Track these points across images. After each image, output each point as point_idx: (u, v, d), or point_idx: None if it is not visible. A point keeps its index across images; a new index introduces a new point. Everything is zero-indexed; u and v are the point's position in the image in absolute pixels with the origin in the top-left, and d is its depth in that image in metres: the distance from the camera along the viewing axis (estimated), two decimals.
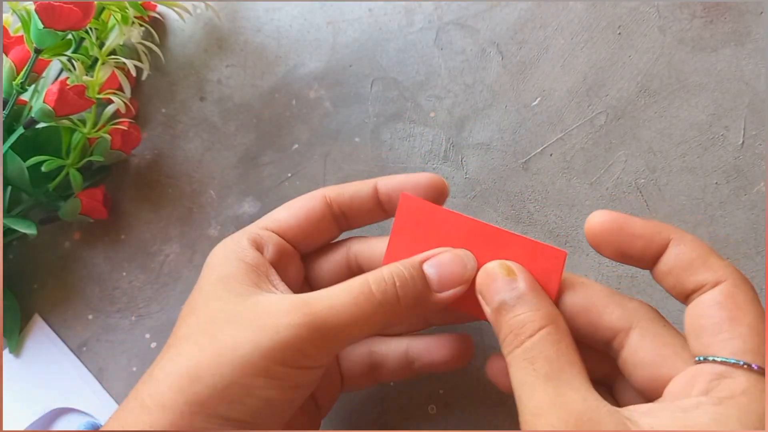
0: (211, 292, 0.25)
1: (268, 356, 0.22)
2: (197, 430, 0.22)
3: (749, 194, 0.31)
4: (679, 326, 0.24)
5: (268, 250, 0.27)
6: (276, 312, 0.23)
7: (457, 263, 0.25)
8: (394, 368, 0.29)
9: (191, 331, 0.24)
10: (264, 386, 0.22)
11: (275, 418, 0.24)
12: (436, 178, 0.27)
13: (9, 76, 0.34)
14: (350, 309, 0.23)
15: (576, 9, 0.35)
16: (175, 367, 0.23)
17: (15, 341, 0.38)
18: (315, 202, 0.28)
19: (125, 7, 0.36)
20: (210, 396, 0.22)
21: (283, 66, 0.38)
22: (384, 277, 0.24)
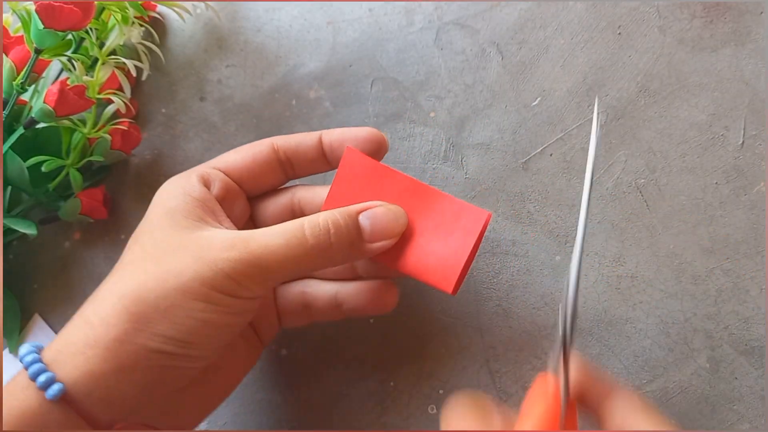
0: (156, 223, 0.27)
1: (207, 284, 0.24)
2: (139, 345, 0.23)
3: (749, 194, 0.31)
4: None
5: (214, 187, 0.29)
6: (217, 246, 0.25)
7: (390, 217, 0.27)
8: (324, 308, 0.31)
9: (136, 257, 0.26)
10: (203, 309, 0.24)
11: (213, 338, 0.25)
12: (375, 133, 0.29)
13: (9, 76, 0.34)
14: (283, 250, 0.25)
15: (576, 9, 0.35)
16: (120, 287, 0.25)
17: (15, 341, 0.38)
18: (262, 147, 0.30)
19: (125, 7, 0.36)
20: (153, 315, 0.24)
21: (283, 66, 0.38)
22: (319, 222, 0.26)
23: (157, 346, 0.24)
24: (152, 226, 0.27)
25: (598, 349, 0.31)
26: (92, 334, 0.24)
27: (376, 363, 0.33)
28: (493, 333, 0.32)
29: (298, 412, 0.34)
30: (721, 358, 0.30)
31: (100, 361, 0.23)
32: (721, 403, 0.30)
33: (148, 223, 0.27)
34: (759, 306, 0.30)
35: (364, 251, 0.27)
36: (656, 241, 0.31)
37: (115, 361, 0.23)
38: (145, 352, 0.24)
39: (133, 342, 0.24)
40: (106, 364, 0.23)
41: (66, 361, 0.24)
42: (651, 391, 0.30)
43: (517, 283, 0.33)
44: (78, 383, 0.23)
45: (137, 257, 0.26)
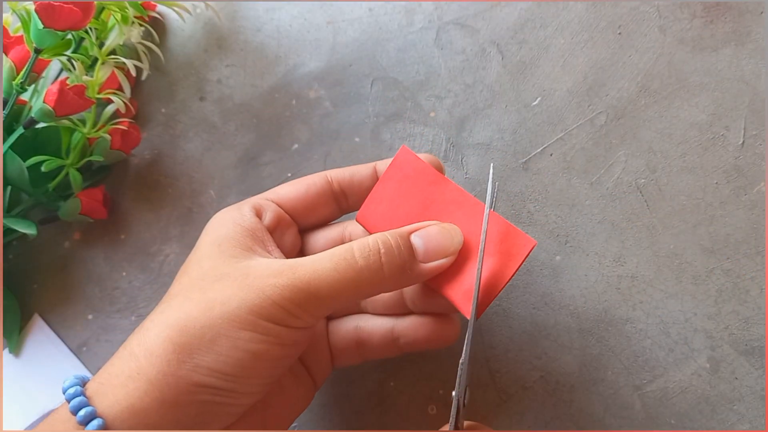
0: (205, 252, 0.26)
1: (254, 312, 0.23)
2: (183, 378, 0.22)
3: (749, 194, 0.31)
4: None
5: (266, 217, 0.28)
6: (263, 273, 0.24)
7: (444, 236, 0.26)
8: (380, 345, 0.30)
9: (183, 288, 0.25)
10: (250, 339, 0.23)
11: (260, 372, 0.24)
12: (431, 157, 0.29)
13: (9, 76, 0.34)
14: (332, 274, 0.24)
15: (576, 9, 0.35)
16: (165, 318, 0.24)
17: (15, 341, 0.38)
18: (316, 179, 0.29)
19: (125, 6, 0.36)
20: (198, 346, 0.23)
21: (283, 66, 0.38)
22: (369, 244, 0.25)
23: (202, 379, 0.23)
24: (200, 255, 0.26)
25: (598, 349, 0.31)
26: (135, 366, 0.23)
27: (376, 363, 0.33)
28: (494, 333, 0.32)
29: None
30: (722, 358, 0.30)
31: (142, 394, 0.22)
32: (722, 404, 0.29)
33: (196, 253, 0.27)
34: (759, 306, 0.30)
35: (418, 273, 0.26)
36: (656, 241, 0.31)
37: (158, 394, 0.22)
38: (189, 385, 0.22)
39: (176, 375, 0.22)
40: (148, 398, 0.22)
41: (107, 394, 0.23)
42: (651, 391, 0.30)
43: (517, 284, 0.33)
44: (118, 418, 0.22)
45: (184, 287, 0.25)
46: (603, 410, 0.30)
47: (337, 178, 0.29)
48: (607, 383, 0.31)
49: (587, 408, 0.31)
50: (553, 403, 0.31)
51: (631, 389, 0.30)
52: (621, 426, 0.30)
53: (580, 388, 0.31)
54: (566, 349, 0.31)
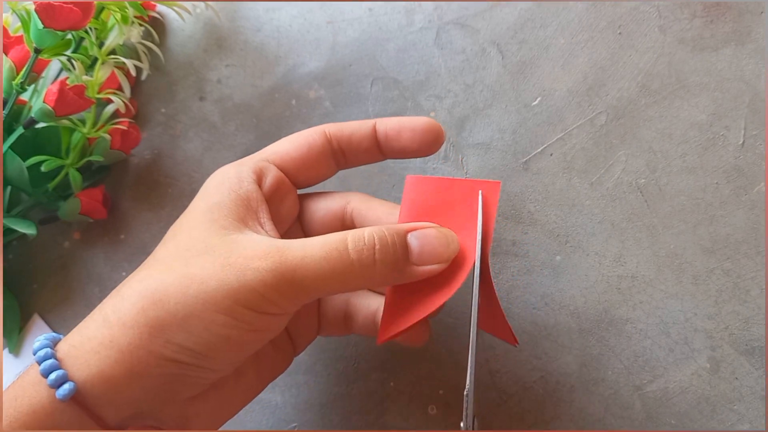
0: (196, 219, 0.25)
1: (231, 296, 0.22)
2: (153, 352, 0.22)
3: (749, 194, 0.31)
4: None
5: (266, 182, 0.27)
6: (249, 253, 0.23)
7: (441, 240, 0.25)
8: (364, 324, 0.29)
9: (167, 254, 0.25)
10: (223, 324, 0.22)
11: (232, 353, 0.24)
12: (433, 123, 0.28)
13: (9, 76, 0.34)
14: (321, 264, 0.23)
15: (576, 9, 0.35)
16: (142, 287, 0.23)
17: (15, 341, 0.37)
18: (316, 136, 0.28)
19: (125, 6, 0.36)
20: (170, 323, 0.22)
21: (283, 66, 0.38)
22: (364, 237, 0.24)
23: (172, 354, 0.22)
24: (190, 222, 0.25)
25: (599, 349, 0.31)
26: (108, 334, 0.23)
27: (376, 363, 0.33)
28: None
29: (298, 412, 0.34)
30: (722, 358, 0.30)
31: (113, 363, 0.22)
32: (722, 404, 0.29)
33: (188, 217, 0.26)
34: (759, 306, 0.30)
35: (409, 274, 0.25)
36: (656, 241, 0.31)
37: (128, 365, 0.22)
38: (159, 359, 0.22)
39: (146, 348, 0.22)
40: (119, 367, 0.22)
41: (79, 358, 0.23)
42: (651, 391, 0.30)
43: (517, 283, 0.33)
44: (89, 383, 0.22)
45: (169, 254, 0.25)
46: (603, 410, 0.30)
47: (336, 135, 0.28)
48: (607, 383, 0.31)
49: (587, 408, 0.31)
50: (553, 403, 0.31)
51: (631, 389, 0.30)
52: (621, 426, 0.30)
53: (581, 388, 0.31)
54: (566, 349, 0.31)
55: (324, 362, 0.34)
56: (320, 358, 0.34)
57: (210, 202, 0.26)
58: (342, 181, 0.36)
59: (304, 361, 0.34)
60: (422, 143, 0.28)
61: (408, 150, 0.28)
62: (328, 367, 0.34)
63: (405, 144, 0.28)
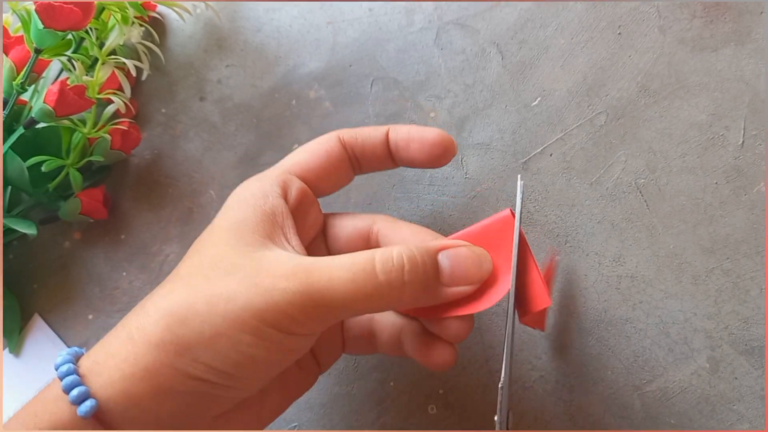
0: (220, 235, 0.25)
1: (258, 316, 0.22)
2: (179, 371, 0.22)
3: (749, 194, 0.31)
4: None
5: (291, 196, 0.26)
6: (275, 273, 0.23)
7: (473, 261, 0.24)
8: (388, 343, 0.28)
9: (191, 271, 0.24)
10: (250, 344, 0.22)
11: (259, 374, 0.24)
12: (444, 136, 0.27)
13: (9, 76, 0.34)
14: (348, 285, 0.22)
15: (576, 9, 0.35)
16: (167, 304, 0.23)
17: (15, 341, 0.38)
18: (332, 144, 0.28)
19: (125, 7, 0.36)
20: (197, 341, 0.22)
21: (283, 66, 0.38)
22: (393, 257, 0.23)
23: (198, 373, 0.22)
24: (215, 238, 0.25)
25: (598, 349, 0.31)
26: (132, 351, 0.22)
27: (376, 363, 0.33)
28: (493, 333, 0.32)
29: (298, 412, 0.34)
30: (721, 358, 0.30)
31: (137, 381, 0.22)
32: (721, 403, 0.29)
33: (213, 233, 0.25)
34: (759, 306, 0.30)
35: (439, 296, 0.24)
36: (656, 241, 0.31)
37: (152, 383, 0.22)
38: (185, 378, 0.22)
39: (172, 366, 0.22)
40: (143, 385, 0.22)
41: (102, 374, 0.22)
42: (651, 391, 0.30)
43: None
44: (111, 400, 0.22)
45: (193, 271, 0.24)
46: (603, 410, 0.30)
47: (350, 143, 0.28)
48: (606, 383, 0.31)
49: (587, 408, 0.31)
50: (552, 403, 0.31)
51: (630, 389, 0.30)
52: (621, 426, 0.30)
53: (580, 388, 0.31)
54: (566, 348, 0.31)
55: None
56: None
57: (235, 218, 0.25)
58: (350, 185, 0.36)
59: None
60: (431, 156, 0.27)
61: (417, 161, 0.28)
62: None
63: (414, 155, 0.28)
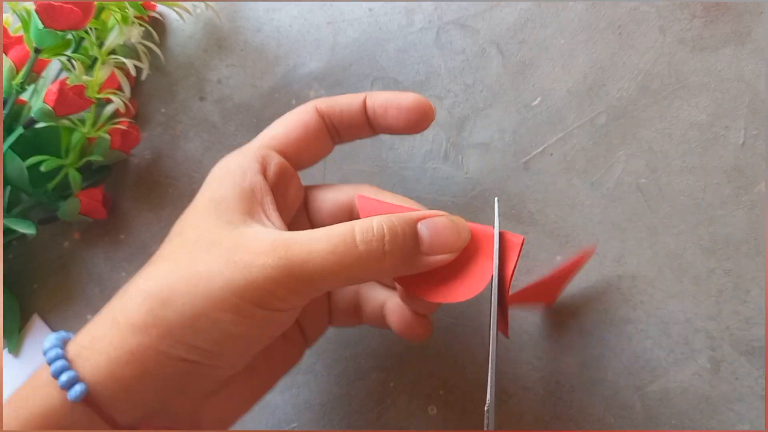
0: (200, 213, 0.25)
1: (238, 294, 0.22)
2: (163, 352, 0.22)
3: (750, 194, 0.31)
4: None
5: (270, 171, 0.26)
6: (254, 249, 0.23)
7: (452, 229, 0.24)
8: (372, 315, 0.29)
9: (173, 250, 0.24)
10: (232, 321, 0.22)
11: (242, 350, 0.24)
12: (421, 101, 0.27)
13: (8, 76, 0.34)
14: (328, 257, 0.22)
15: (576, 9, 0.35)
16: (149, 286, 0.23)
17: (14, 341, 0.37)
18: (310, 116, 0.28)
19: (125, 6, 0.36)
20: (178, 322, 0.22)
21: (283, 66, 0.38)
22: (373, 227, 0.23)
23: (182, 354, 0.22)
24: (196, 216, 0.25)
25: (599, 349, 0.31)
26: (118, 334, 0.22)
27: (376, 363, 0.33)
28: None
29: (298, 412, 0.34)
30: (722, 358, 0.30)
31: (123, 363, 0.22)
32: (722, 404, 0.29)
33: (193, 212, 0.26)
34: (760, 306, 0.30)
35: (419, 264, 0.24)
36: (657, 241, 0.31)
37: (138, 365, 0.22)
38: (169, 359, 0.22)
39: (156, 348, 0.22)
40: (130, 368, 0.22)
41: (89, 359, 0.22)
42: (652, 392, 0.30)
43: (517, 284, 0.33)
44: (100, 384, 0.22)
45: (175, 250, 0.24)
46: (603, 410, 0.30)
47: (327, 112, 0.28)
48: (607, 383, 0.31)
49: (588, 408, 0.31)
50: (553, 404, 0.31)
51: (631, 389, 0.30)
52: (621, 426, 0.30)
53: (581, 389, 0.31)
54: (566, 349, 0.31)
55: (324, 362, 0.34)
56: (320, 358, 0.34)
57: (214, 195, 0.25)
58: (342, 180, 0.36)
59: (305, 361, 0.34)
60: (409, 121, 0.27)
61: (395, 127, 0.28)
62: (328, 367, 0.34)
63: (391, 122, 0.28)
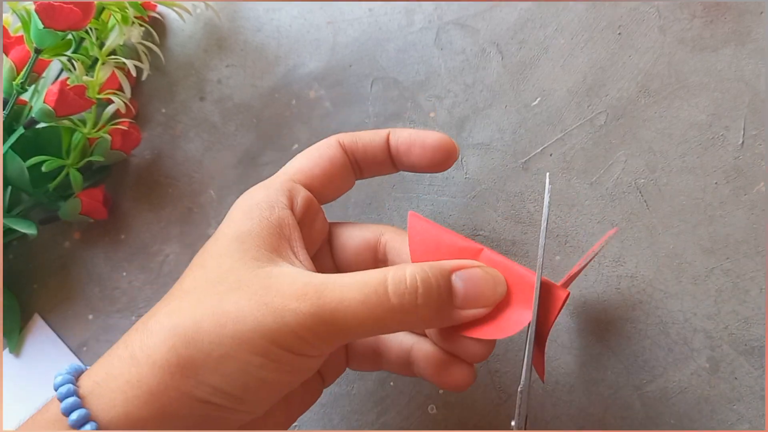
0: (226, 249, 0.24)
1: (268, 338, 0.21)
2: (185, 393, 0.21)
3: (749, 194, 0.31)
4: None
5: (296, 205, 0.26)
6: (285, 292, 0.22)
7: (488, 282, 0.23)
8: (396, 362, 0.28)
9: (197, 285, 0.23)
10: (260, 366, 0.21)
11: (266, 395, 0.23)
12: (445, 140, 0.27)
13: (9, 76, 0.34)
14: (359, 308, 0.22)
15: (576, 9, 0.35)
16: (173, 323, 0.22)
17: (15, 341, 0.38)
18: (334, 150, 0.27)
19: (125, 7, 0.36)
20: (204, 362, 0.21)
21: (283, 66, 0.38)
22: (406, 278, 0.23)
23: (204, 396, 0.21)
24: (220, 250, 0.24)
25: (598, 349, 0.31)
26: (136, 372, 0.21)
27: None
28: None
29: None
30: (721, 358, 0.30)
31: (140, 403, 0.21)
32: (721, 404, 0.30)
33: (216, 245, 0.24)
34: (759, 306, 0.30)
35: (452, 318, 0.23)
36: (656, 241, 0.31)
37: (157, 406, 0.21)
38: (190, 400, 0.21)
39: (178, 389, 0.21)
40: (146, 408, 0.21)
41: (103, 396, 0.21)
42: (650, 391, 0.30)
43: None
44: (113, 424, 0.21)
45: (198, 286, 0.23)
46: (603, 410, 0.30)
47: (350, 148, 0.27)
48: (606, 383, 0.31)
49: (587, 408, 0.31)
50: (552, 403, 0.31)
51: (630, 389, 0.30)
52: (621, 426, 0.30)
53: (580, 388, 0.31)
54: (566, 349, 0.31)
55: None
56: None
57: (241, 229, 0.24)
58: (354, 188, 0.36)
59: None
60: (433, 160, 0.27)
61: (418, 166, 0.27)
62: None
63: (415, 161, 0.27)
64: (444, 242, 0.25)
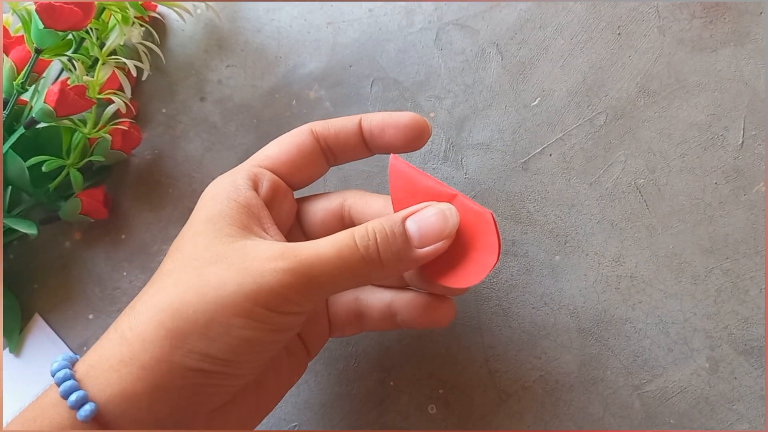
0: (199, 229, 0.25)
1: (251, 298, 0.22)
2: (176, 364, 0.22)
3: (749, 194, 0.31)
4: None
5: (262, 188, 0.27)
6: (262, 256, 0.23)
7: (439, 218, 0.25)
8: (378, 318, 0.29)
9: (176, 266, 0.24)
10: (244, 326, 0.22)
11: (254, 357, 0.24)
12: (417, 119, 0.28)
13: (9, 76, 0.34)
14: (334, 261, 0.23)
15: (576, 9, 0.35)
16: (157, 301, 0.23)
17: (15, 341, 0.38)
18: (304, 137, 0.28)
19: (126, 7, 0.36)
20: (191, 332, 0.22)
21: (283, 66, 0.38)
22: (367, 232, 0.24)
23: (195, 364, 0.22)
24: (194, 232, 0.25)
25: (598, 348, 0.31)
26: (128, 351, 0.22)
27: (376, 363, 0.33)
28: (493, 333, 0.32)
29: (298, 412, 0.34)
30: (721, 358, 0.30)
31: (134, 379, 0.22)
32: (721, 403, 0.30)
33: (190, 229, 0.26)
34: (758, 306, 0.30)
35: (414, 259, 0.25)
36: (656, 241, 0.32)
37: (150, 380, 0.22)
38: (182, 370, 0.22)
39: (169, 360, 0.22)
40: (141, 383, 0.22)
41: (99, 377, 0.22)
42: (650, 391, 0.30)
43: (516, 283, 0.33)
44: (110, 402, 0.22)
45: (177, 266, 0.24)
46: (602, 410, 0.31)
47: (323, 134, 0.28)
48: (606, 383, 0.31)
49: (587, 407, 0.31)
50: (552, 403, 0.31)
51: (630, 389, 0.30)
52: (620, 426, 0.30)
53: (580, 388, 0.31)
54: (566, 348, 0.31)
55: (324, 362, 0.34)
56: (320, 358, 0.34)
57: (210, 212, 0.25)
58: (342, 181, 0.36)
59: None
60: (407, 140, 0.28)
61: (393, 146, 0.28)
62: (328, 367, 0.34)
63: (389, 141, 0.28)
64: (421, 186, 0.26)
